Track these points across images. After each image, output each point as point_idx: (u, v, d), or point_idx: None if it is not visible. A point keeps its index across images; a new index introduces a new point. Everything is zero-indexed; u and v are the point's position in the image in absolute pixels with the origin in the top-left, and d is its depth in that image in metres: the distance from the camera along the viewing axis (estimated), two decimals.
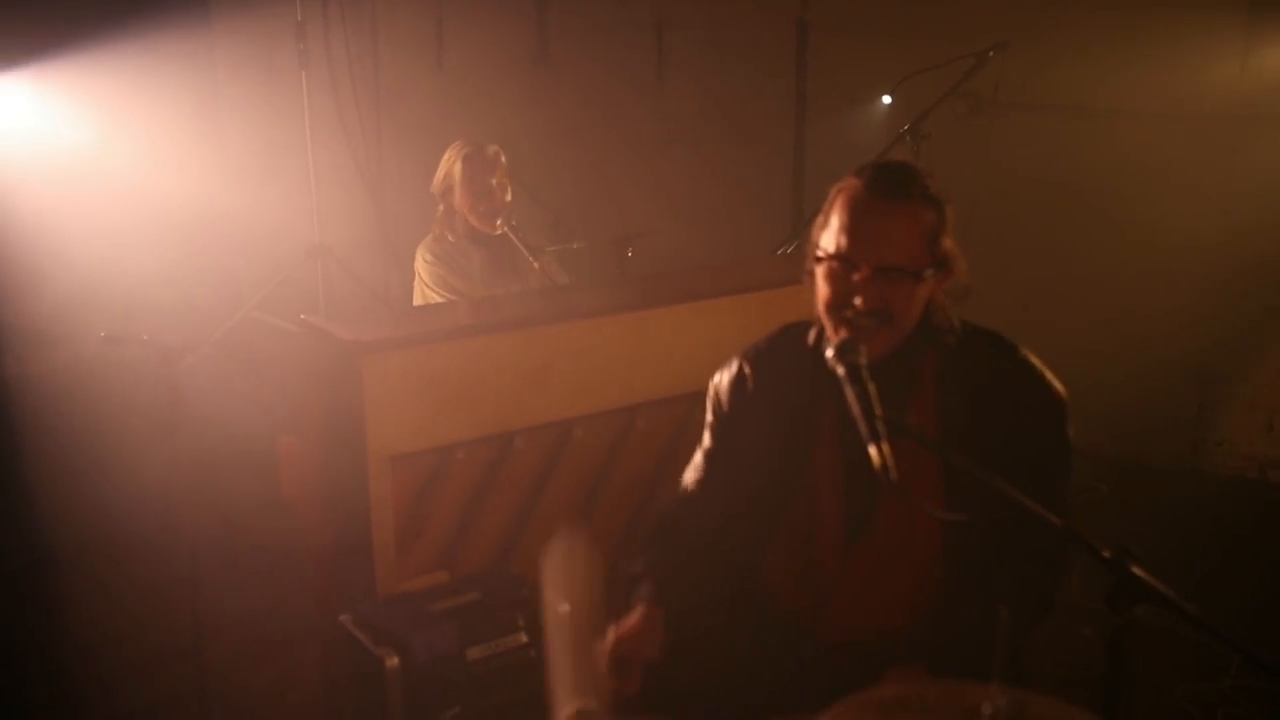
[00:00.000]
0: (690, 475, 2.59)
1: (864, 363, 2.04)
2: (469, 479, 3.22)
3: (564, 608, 2.19)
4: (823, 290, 2.30)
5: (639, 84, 6.36)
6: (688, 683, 2.33)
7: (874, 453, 1.89)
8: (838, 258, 2.27)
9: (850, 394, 2.00)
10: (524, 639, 2.91)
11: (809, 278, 2.36)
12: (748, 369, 2.51)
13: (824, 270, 2.30)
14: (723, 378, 2.55)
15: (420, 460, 3.12)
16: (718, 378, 2.57)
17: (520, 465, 3.29)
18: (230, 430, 4.45)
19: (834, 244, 2.28)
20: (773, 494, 2.43)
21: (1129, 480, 5.05)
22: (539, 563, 2.28)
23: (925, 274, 2.26)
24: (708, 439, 2.58)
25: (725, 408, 2.53)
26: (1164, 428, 5.22)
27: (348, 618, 2.93)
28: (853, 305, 2.25)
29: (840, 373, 2.04)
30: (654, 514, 2.62)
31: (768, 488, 2.43)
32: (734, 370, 2.53)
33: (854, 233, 2.25)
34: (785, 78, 5.82)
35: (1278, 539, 4.69)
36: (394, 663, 2.76)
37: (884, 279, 2.23)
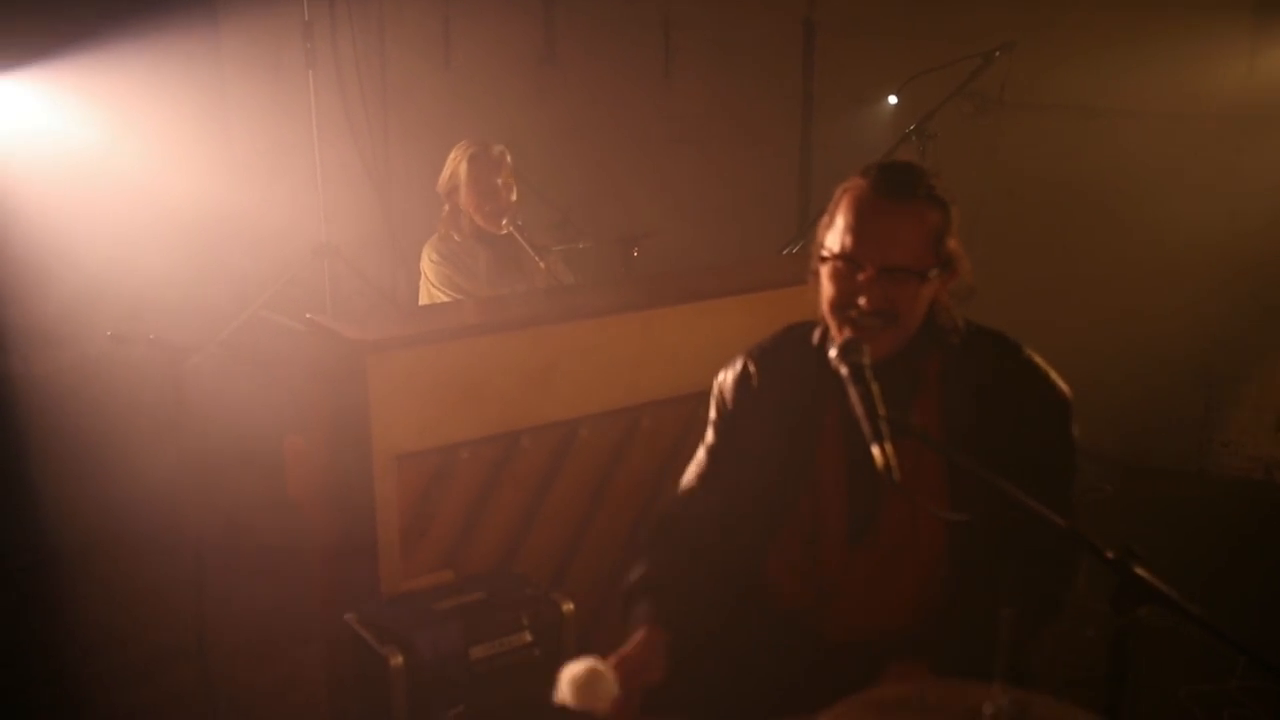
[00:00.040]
0: (692, 471, 2.59)
1: (867, 363, 2.04)
2: (474, 478, 3.22)
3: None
4: (827, 290, 2.31)
5: (646, 83, 6.36)
6: (692, 683, 2.33)
7: (877, 453, 1.89)
8: (843, 257, 2.27)
9: (853, 394, 2.00)
10: (528, 638, 2.91)
11: (814, 277, 2.36)
12: (752, 367, 2.51)
13: (829, 270, 2.30)
14: (727, 376, 2.56)
15: (425, 459, 3.12)
16: (722, 376, 2.57)
17: (525, 465, 3.29)
18: (236, 429, 4.46)
19: (839, 244, 2.28)
20: (776, 493, 2.43)
21: (1134, 481, 5.04)
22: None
23: (930, 274, 2.26)
24: (711, 436, 2.58)
25: (729, 406, 2.53)
26: (1170, 428, 5.20)
27: (352, 616, 2.94)
28: (857, 305, 2.25)
29: (844, 373, 2.04)
30: (656, 513, 2.61)
31: (771, 487, 2.43)
32: (739, 369, 2.54)
33: (859, 232, 2.25)
34: (792, 77, 5.81)
35: None
36: (398, 661, 2.76)
37: (889, 279, 2.23)
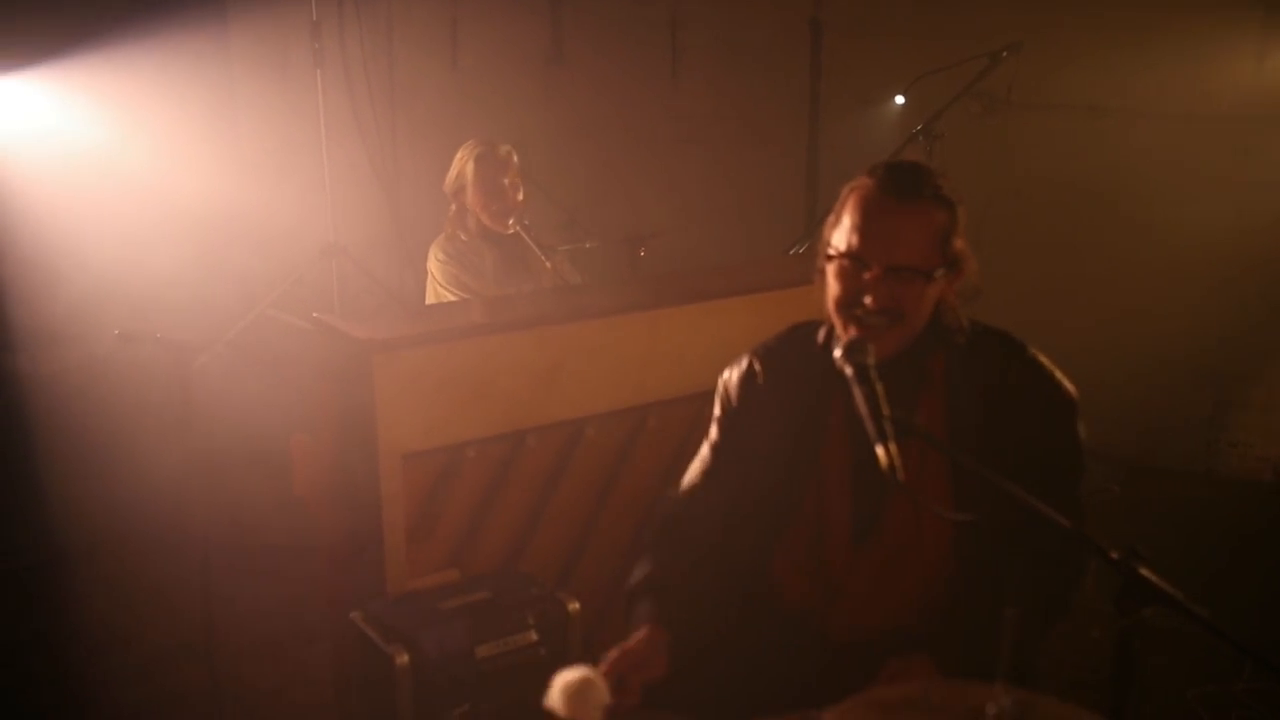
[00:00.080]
0: (696, 468, 2.59)
1: (872, 363, 2.04)
2: (480, 477, 3.22)
3: None
4: (833, 288, 2.31)
5: (653, 83, 6.36)
6: (698, 681, 2.33)
7: (881, 453, 1.89)
8: (849, 256, 2.27)
9: (858, 394, 2.00)
10: (534, 637, 2.91)
11: (820, 275, 2.36)
12: (758, 366, 2.52)
13: (835, 268, 2.31)
14: (732, 374, 2.56)
15: (432, 458, 3.12)
16: (727, 374, 2.57)
17: (532, 464, 3.29)
18: (243, 429, 4.47)
19: (845, 242, 2.28)
20: (781, 493, 2.43)
21: (1141, 481, 5.03)
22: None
23: (936, 274, 2.26)
24: (715, 433, 2.59)
25: (734, 403, 2.54)
26: (1177, 428, 5.20)
27: (358, 615, 2.93)
28: (863, 304, 2.25)
29: (848, 373, 2.04)
30: (659, 511, 2.61)
31: (776, 486, 2.43)
32: (744, 367, 2.54)
33: (865, 231, 2.26)
34: (799, 78, 5.81)
35: None
36: (404, 660, 2.76)
37: (895, 278, 2.23)
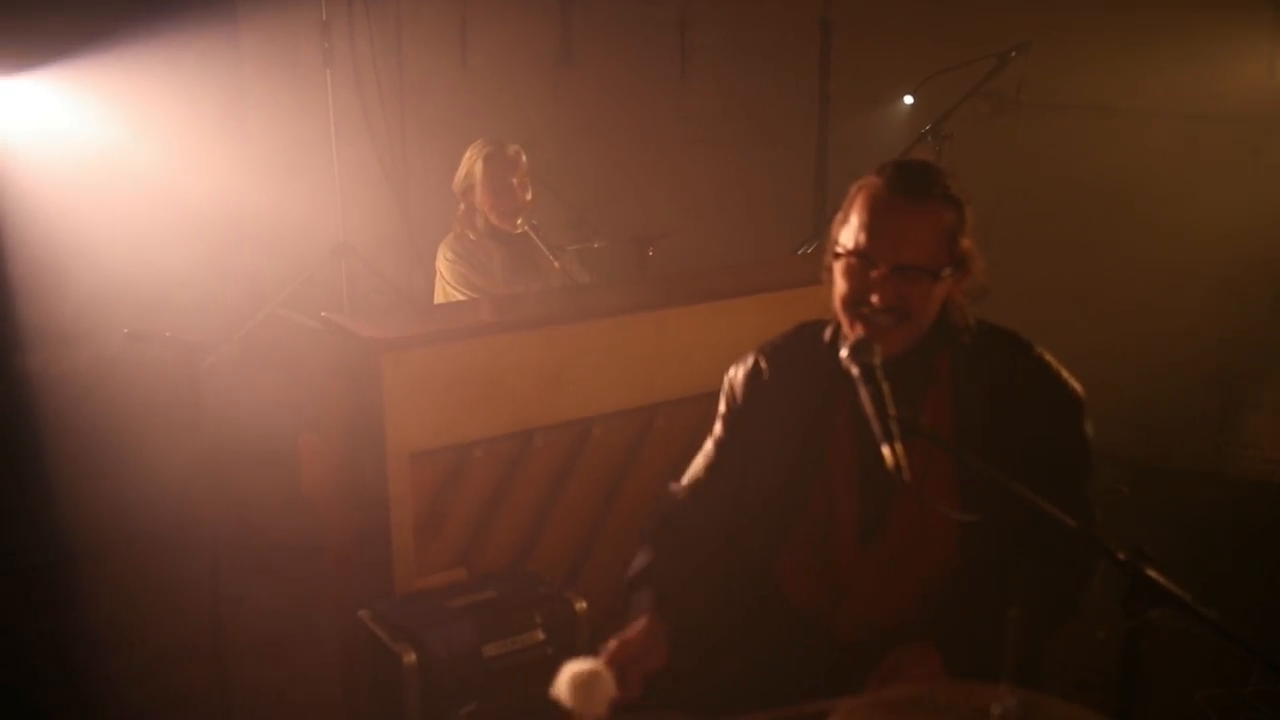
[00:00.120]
0: (700, 463, 2.59)
1: (878, 363, 2.04)
2: (488, 477, 3.22)
3: None
4: (840, 286, 2.31)
5: (662, 83, 6.36)
6: (704, 681, 2.34)
7: (887, 453, 1.89)
8: (856, 254, 2.27)
9: (864, 394, 2.00)
10: (541, 637, 2.91)
11: (827, 273, 2.36)
12: (764, 363, 2.52)
13: (842, 266, 2.31)
14: (738, 371, 2.56)
15: (439, 458, 3.13)
16: (733, 371, 2.58)
17: (539, 464, 3.29)
18: (251, 428, 4.47)
19: (853, 241, 2.28)
20: (786, 491, 2.43)
21: (1151, 482, 5.01)
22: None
23: (943, 273, 2.26)
24: (719, 429, 2.59)
25: (739, 400, 2.54)
26: (1187, 429, 5.18)
27: (366, 614, 2.94)
28: (869, 302, 2.26)
29: (854, 373, 2.04)
30: (661, 504, 2.61)
31: (780, 484, 2.43)
32: (750, 364, 2.54)
33: (873, 230, 2.26)
34: (808, 78, 5.80)
35: None
36: (411, 659, 2.77)
37: (902, 277, 2.23)
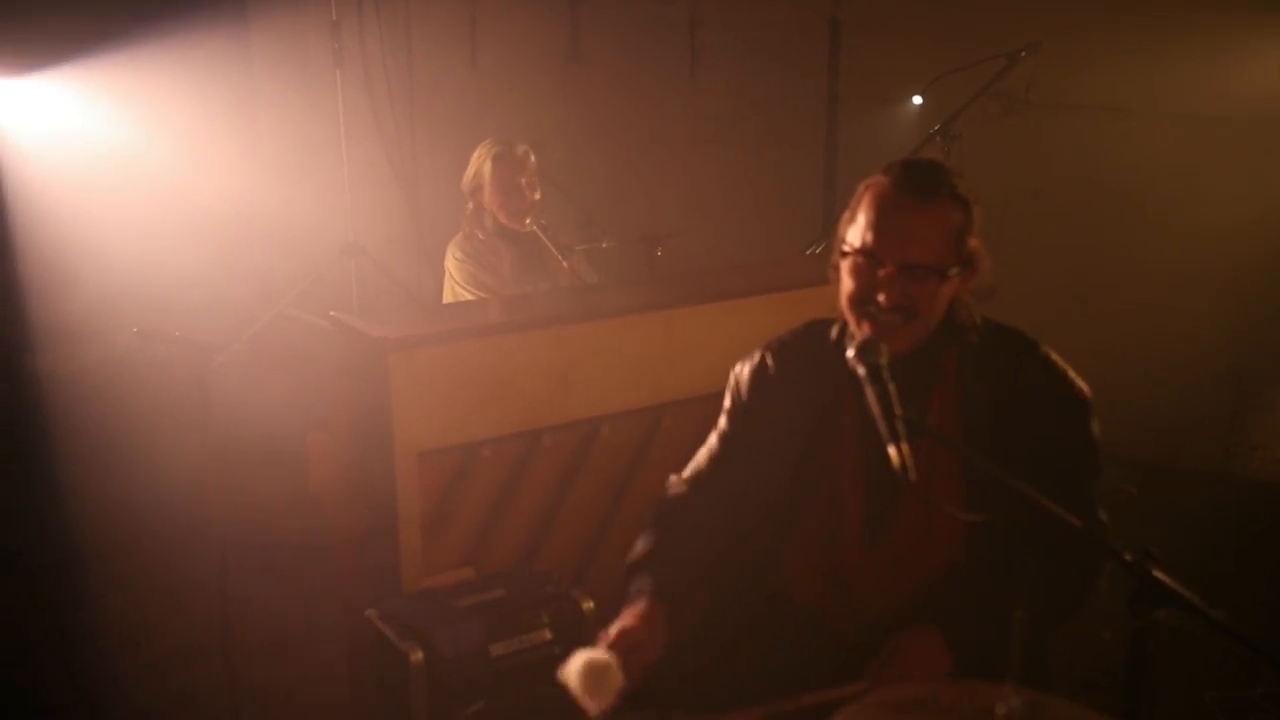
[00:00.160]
0: (703, 455, 2.60)
1: (885, 363, 2.03)
2: (495, 476, 3.22)
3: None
4: (847, 285, 2.31)
5: (671, 82, 6.36)
6: (709, 681, 2.34)
7: (893, 453, 1.89)
8: (863, 253, 2.27)
9: (870, 394, 2.00)
10: (548, 636, 2.91)
11: (834, 271, 2.36)
12: (770, 360, 2.52)
13: (849, 265, 2.31)
14: (744, 367, 2.57)
15: (447, 457, 3.13)
16: (739, 367, 2.58)
17: (547, 463, 3.30)
18: (260, 427, 4.47)
19: (860, 239, 2.28)
20: (790, 489, 2.43)
21: (1160, 483, 5.00)
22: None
23: (950, 272, 2.26)
24: (724, 423, 2.59)
25: (744, 396, 2.54)
26: (1196, 429, 5.16)
27: (373, 612, 2.94)
28: (876, 301, 2.26)
29: (861, 373, 2.04)
30: (663, 494, 2.61)
31: (785, 482, 2.43)
32: (756, 360, 2.55)
33: (880, 229, 2.26)
34: (817, 77, 5.80)
35: None
36: (418, 657, 2.77)
37: (908, 276, 2.24)
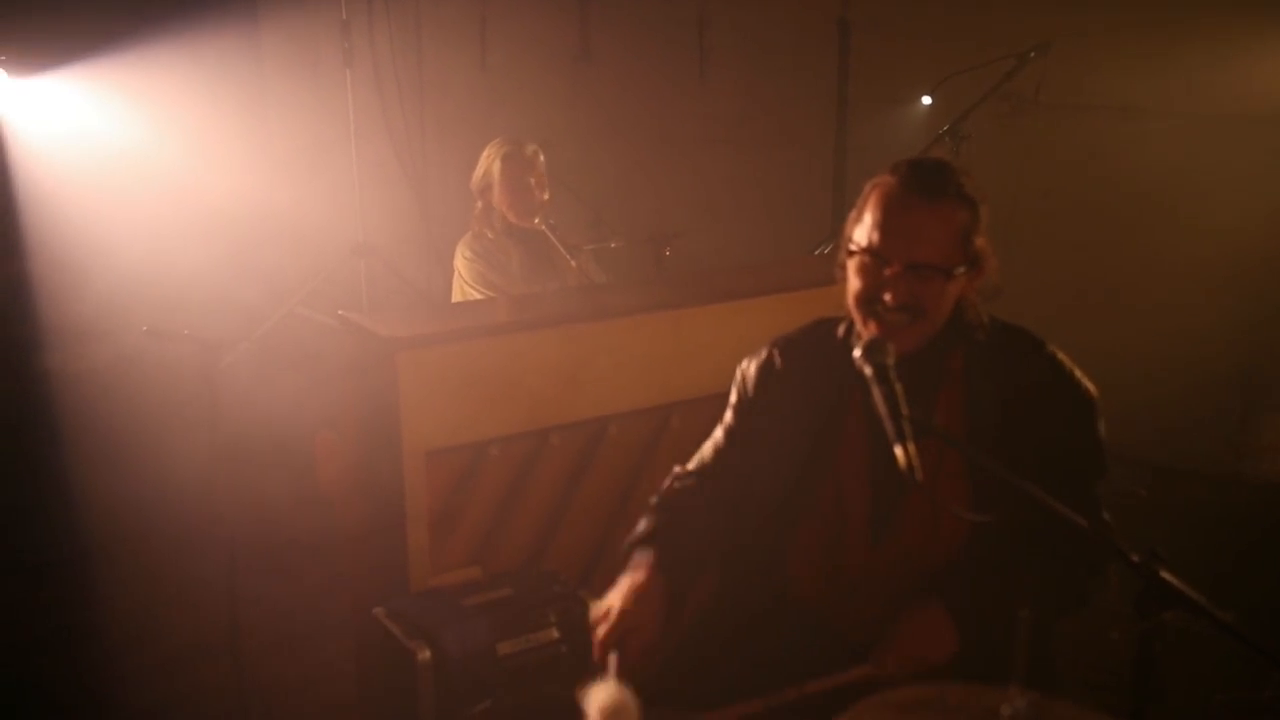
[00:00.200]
0: (708, 448, 2.60)
1: (891, 363, 2.03)
2: (503, 475, 3.23)
3: None
4: (854, 284, 2.31)
5: (681, 82, 6.36)
6: (710, 678, 2.34)
7: (900, 453, 1.88)
8: (869, 252, 2.27)
9: (877, 394, 2.00)
10: (555, 635, 2.91)
11: (841, 270, 2.36)
12: (777, 356, 2.53)
13: (855, 264, 2.31)
14: (751, 363, 2.57)
15: (455, 456, 3.13)
16: (746, 363, 2.59)
17: (555, 462, 3.30)
18: (268, 426, 4.48)
19: (866, 239, 2.28)
20: (795, 487, 2.43)
21: (1169, 484, 4.98)
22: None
23: (956, 272, 2.26)
24: (730, 418, 2.60)
25: (750, 392, 2.55)
26: (1206, 431, 5.14)
27: (381, 611, 2.95)
28: (882, 300, 2.26)
29: (868, 373, 2.03)
30: (667, 483, 2.61)
31: (790, 480, 2.43)
32: (763, 357, 2.55)
33: (886, 229, 2.26)
34: (826, 78, 5.79)
35: None
36: (425, 656, 2.77)
37: (915, 275, 2.23)
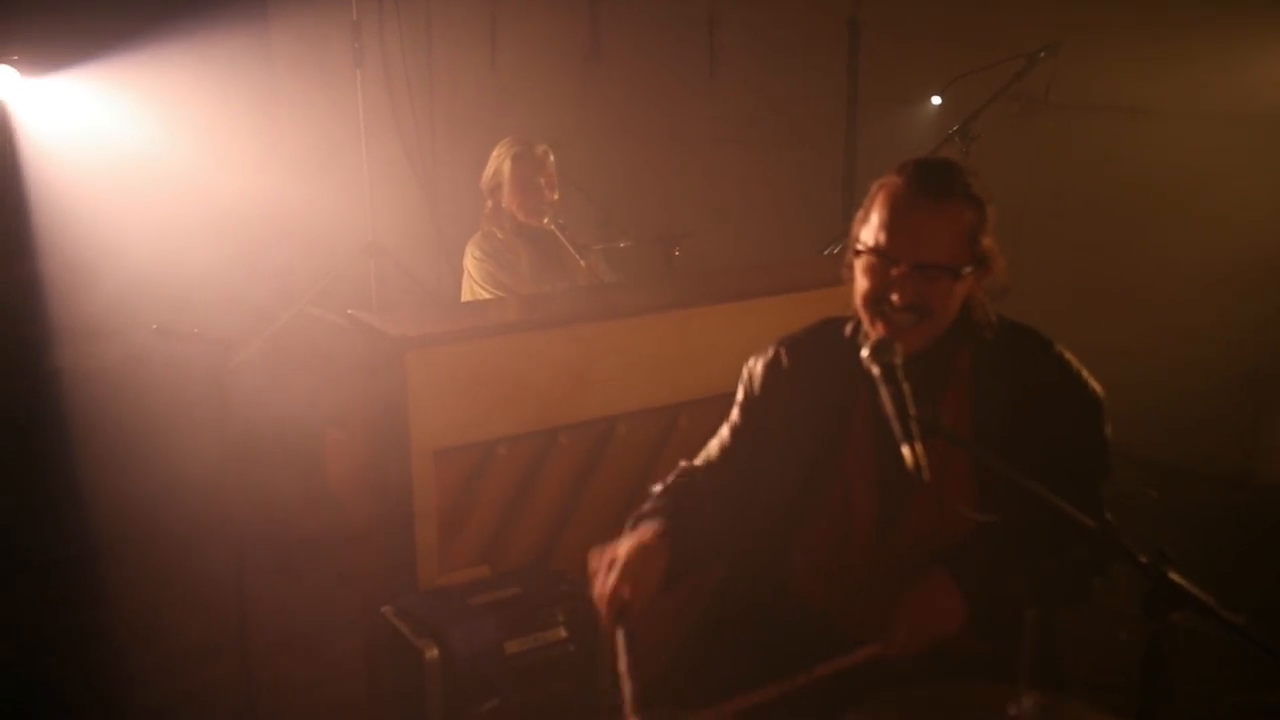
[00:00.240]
0: (714, 445, 2.61)
1: (899, 363, 2.03)
2: (512, 474, 3.22)
3: None
4: (861, 284, 2.31)
5: (691, 82, 6.36)
6: (712, 676, 2.34)
7: (907, 453, 1.88)
8: (876, 252, 2.27)
9: (884, 394, 2.00)
10: (563, 634, 2.91)
11: (848, 270, 2.36)
12: (784, 355, 2.53)
13: (863, 264, 2.31)
14: (758, 362, 2.57)
15: (464, 455, 3.13)
16: (753, 361, 2.58)
17: (563, 462, 3.29)
18: (278, 425, 4.49)
19: (873, 239, 2.28)
20: (801, 486, 2.43)
21: (1179, 486, 4.98)
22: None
23: (964, 272, 2.26)
24: (736, 415, 2.60)
25: (757, 390, 2.55)
26: (1216, 432, 5.13)
27: (389, 609, 2.95)
28: (890, 300, 2.25)
29: (875, 373, 2.03)
30: (671, 476, 2.60)
31: (797, 479, 2.43)
32: (770, 355, 2.55)
33: (893, 229, 2.25)
34: (836, 77, 5.79)
35: None
36: (433, 654, 2.77)
37: (922, 275, 2.23)
